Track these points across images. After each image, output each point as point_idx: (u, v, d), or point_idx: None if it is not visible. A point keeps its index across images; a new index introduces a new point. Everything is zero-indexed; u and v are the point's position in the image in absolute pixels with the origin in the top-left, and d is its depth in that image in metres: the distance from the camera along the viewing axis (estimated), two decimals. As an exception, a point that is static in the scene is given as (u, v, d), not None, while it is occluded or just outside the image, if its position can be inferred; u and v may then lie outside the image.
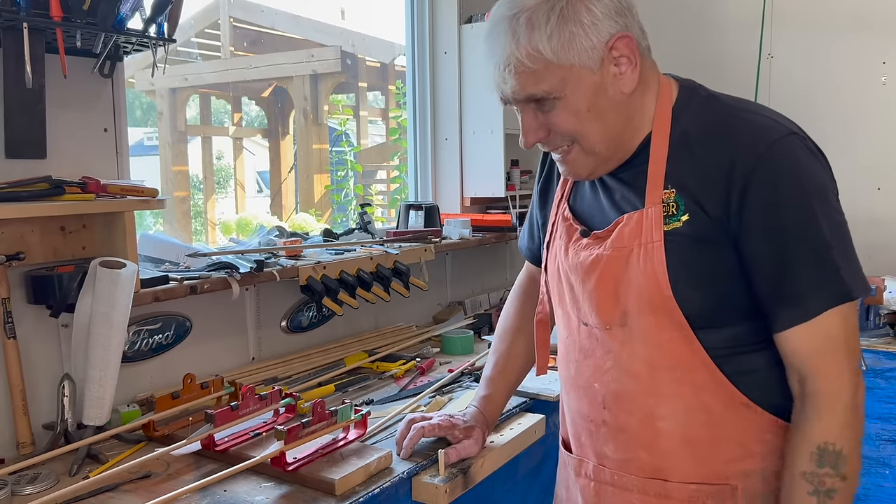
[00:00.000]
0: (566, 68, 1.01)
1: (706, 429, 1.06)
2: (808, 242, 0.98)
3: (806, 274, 0.98)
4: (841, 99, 3.19)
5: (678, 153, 1.05)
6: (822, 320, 0.98)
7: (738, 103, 1.08)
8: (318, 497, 1.31)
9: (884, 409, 2.48)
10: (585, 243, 1.13)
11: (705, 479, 1.07)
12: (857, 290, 0.98)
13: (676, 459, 1.08)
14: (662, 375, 1.07)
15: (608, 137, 1.06)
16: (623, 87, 1.04)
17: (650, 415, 1.09)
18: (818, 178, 1.01)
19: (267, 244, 2.21)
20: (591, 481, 1.19)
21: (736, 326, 1.04)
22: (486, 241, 2.82)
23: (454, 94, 2.91)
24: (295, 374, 2.05)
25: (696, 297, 1.02)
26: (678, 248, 1.02)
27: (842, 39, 3.18)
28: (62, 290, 1.54)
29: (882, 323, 2.61)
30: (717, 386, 1.04)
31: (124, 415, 1.67)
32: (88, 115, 1.68)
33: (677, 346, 1.04)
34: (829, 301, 0.97)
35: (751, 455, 1.06)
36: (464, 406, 1.77)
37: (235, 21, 5.79)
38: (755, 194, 0.98)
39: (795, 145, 1.00)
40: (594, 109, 1.03)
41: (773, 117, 1.04)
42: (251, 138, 6.81)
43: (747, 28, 3.33)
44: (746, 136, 1.00)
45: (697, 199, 1.02)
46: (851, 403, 0.98)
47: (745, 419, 1.05)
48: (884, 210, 3.14)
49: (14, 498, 1.32)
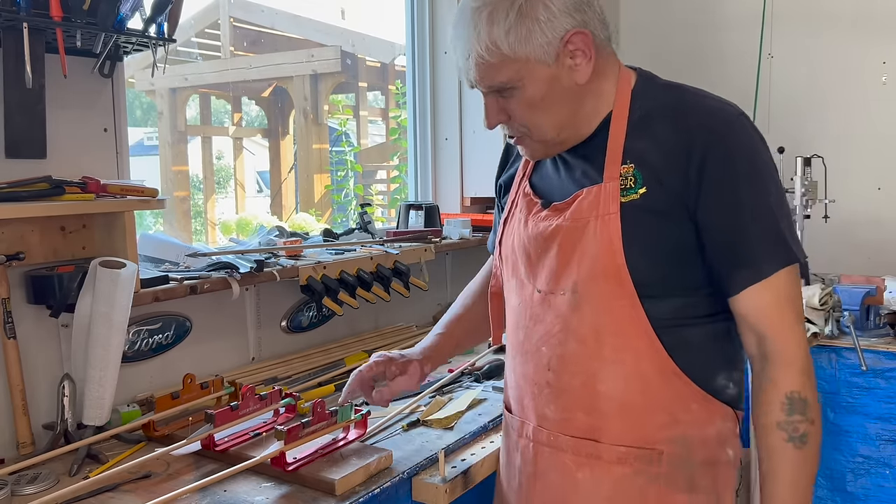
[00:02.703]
0: (522, 62, 1.08)
1: (641, 395, 1.13)
2: (761, 213, 1.08)
3: (759, 240, 1.08)
4: (841, 99, 3.19)
5: (637, 131, 1.13)
6: (773, 280, 1.07)
7: (692, 89, 1.17)
8: (318, 497, 1.31)
9: (884, 409, 2.48)
10: (545, 215, 1.21)
11: (634, 442, 1.14)
12: (800, 254, 1.10)
13: (611, 422, 1.15)
14: (607, 341, 1.13)
15: (558, 125, 1.15)
16: (577, 78, 1.11)
17: (592, 377, 1.15)
18: (766, 156, 1.11)
19: (267, 244, 2.21)
20: (530, 442, 1.25)
21: (680, 298, 1.12)
22: (487, 241, 2.82)
23: (454, 94, 2.90)
24: (295, 374, 2.05)
25: (646, 267, 1.10)
26: (633, 219, 1.10)
27: (842, 39, 3.18)
28: (62, 290, 1.54)
29: (882, 323, 2.61)
30: (655, 354, 1.12)
31: (124, 415, 1.67)
32: (88, 115, 1.68)
33: (624, 313, 1.11)
34: (780, 263, 1.08)
35: (677, 422, 1.13)
36: (464, 406, 1.77)
37: (235, 21, 5.79)
38: (713, 168, 1.07)
39: (747, 126, 1.11)
40: (547, 99, 1.12)
41: (723, 100, 1.15)
42: (251, 138, 6.81)
43: (747, 28, 3.33)
44: (703, 116, 1.10)
45: (657, 173, 1.10)
46: (805, 355, 1.09)
47: (675, 389, 1.13)
48: (884, 210, 3.14)
49: (14, 498, 1.32)
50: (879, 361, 2.48)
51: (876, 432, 2.50)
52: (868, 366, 2.45)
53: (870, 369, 2.46)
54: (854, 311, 2.57)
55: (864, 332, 2.59)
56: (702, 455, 1.15)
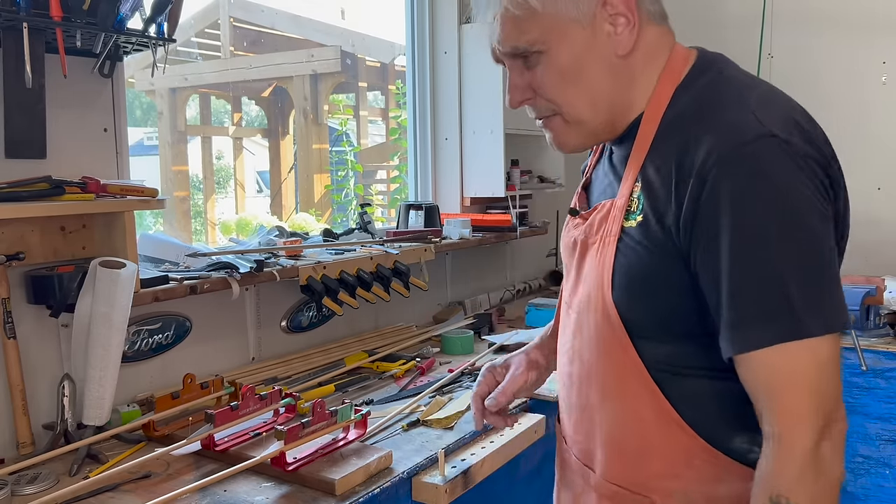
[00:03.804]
0: (551, 17, 0.93)
1: (636, 438, 0.99)
2: (753, 267, 0.84)
3: (746, 302, 0.85)
4: (841, 99, 3.19)
5: (661, 139, 0.94)
6: (764, 355, 0.84)
7: (737, 89, 0.93)
8: (318, 497, 1.31)
9: (884, 409, 2.48)
10: (575, 223, 1.09)
11: (627, 484, 1.01)
12: (815, 326, 0.83)
13: (606, 456, 1.03)
14: (603, 376, 1.01)
15: (594, 103, 0.97)
16: (617, 48, 0.95)
17: (591, 406, 1.04)
18: (788, 192, 0.84)
19: (267, 244, 2.21)
20: (561, 456, 1.18)
21: (680, 345, 0.95)
22: (486, 241, 2.82)
23: (454, 94, 2.90)
24: (295, 374, 2.06)
25: (634, 306, 0.95)
26: (626, 249, 0.95)
27: (842, 39, 3.18)
28: (62, 290, 1.54)
29: (882, 323, 2.61)
30: (653, 400, 0.96)
31: (124, 415, 1.67)
32: (88, 115, 1.69)
33: (615, 350, 0.98)
34: (772, 336, 0.83)
35: (677, 476, 0.98)
36: (464, 406, 1.77)
37: (235, 21, 5.79)
38: (707, 203, 0.85)
39: (770, 150, 0.84)
40: (581, 68, 0.95)
41: (765, 108, 0.89)
42: (251, 138, 6.81)
43: (747, 28, 3.33)
44: (716, 134, 0.87)
45: (654, 202, 0.92)
46: (812, 451, 0.83)
47: (676, 440, 0.96)
48: (884, 210, 3.14)
49: (14, 498, 1.32)
50: (879, 361, 2.48)
51: (876, 432, 2.50)
52: (868, 366, 2.46)
53: (870, 369, 2.47)
54: (854, 311, 2.57)
55: (864, 332, 2.59)
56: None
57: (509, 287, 3.19)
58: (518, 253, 3.29)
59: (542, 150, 3.20)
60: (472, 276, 3.03)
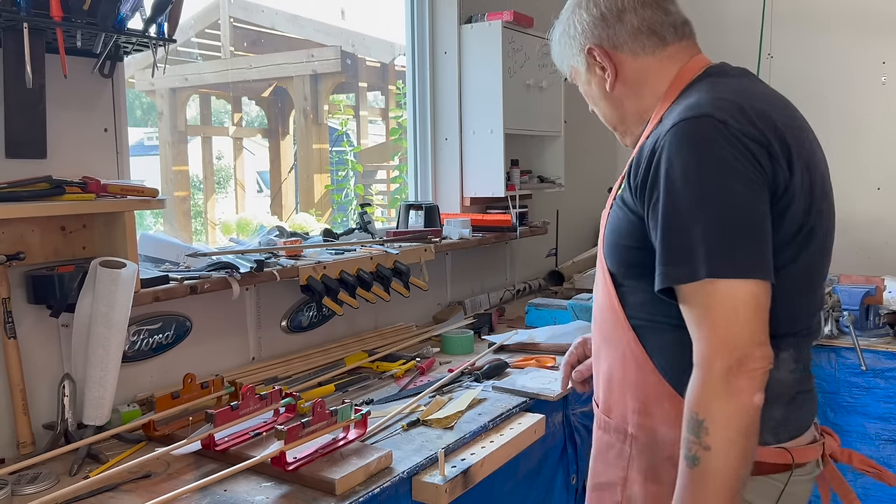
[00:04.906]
0: (568, 65, 1.32)
1: (620, 377, 1.21)
2: (667, 219, 1.03)
3: (668, 247, 1.03)
4: (841, 99, 3.19)
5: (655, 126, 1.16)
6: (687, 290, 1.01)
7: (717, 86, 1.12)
8: (318, 497, 1.31)
9: (884, 409, 2.48)
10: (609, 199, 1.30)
11: (614, 417, 1.23)
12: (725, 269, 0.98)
13: (602, 392, 1.27)
14: (604, 319, 1.24)
15: (608, 118, 1.31)
16: (605, 85, 1.25)
17: (597, 347, 1.29)
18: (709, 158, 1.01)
19: (267, 244, 2.21)
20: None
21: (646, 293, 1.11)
22: (486, 240, 2.82)
23: (454, 94, 2.90)
24: (295, 374, 2.06)
25: (612, 256, 1.18)
26: (613, 210, 1.19)
27: (842, 39, 3.19)
28: (62, 290, 1.54)
29: (882, 323, 2.61)
30: (634, 345, 1.16)
31: (124, 415, 1.67)
32: (88, 114, 1.69)
33: (608, 299, 1.20)
34: (685, 273, 1.00)
35: (648, 413, 1.17)
36: (464, 406, 1.77)
37: (235, 21, 5.79)
38: (655, 169, 1.06)
39: (702, 126, 1.03)
40: (592, 97, 1.32)
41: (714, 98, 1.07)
42: (251, 138, 6.81)
43: (747, 28, 3.33)
44: (672, 118, 1.08)
45: (631, 170, 1.13)
46: (722, 378, 0.98)
47: (650, 383, 1.15)
48: (884, 210, 3.15)
49: (14, 498, 1.32)
50: (879, 361, 2.48)
51: (876, 432, 2.50)
52: (868, 366, 2.46)
53: (869, 369, 2.47)
54: (854, 311, 2.57)
55: (864, 332, 2.59)
56: (669, 452, 1.13)
57: (509, 287, 3.19)
58: (518, 253, 3.29)
59: (541, 150, 3.20)
60: (472, 276, 3.03)
